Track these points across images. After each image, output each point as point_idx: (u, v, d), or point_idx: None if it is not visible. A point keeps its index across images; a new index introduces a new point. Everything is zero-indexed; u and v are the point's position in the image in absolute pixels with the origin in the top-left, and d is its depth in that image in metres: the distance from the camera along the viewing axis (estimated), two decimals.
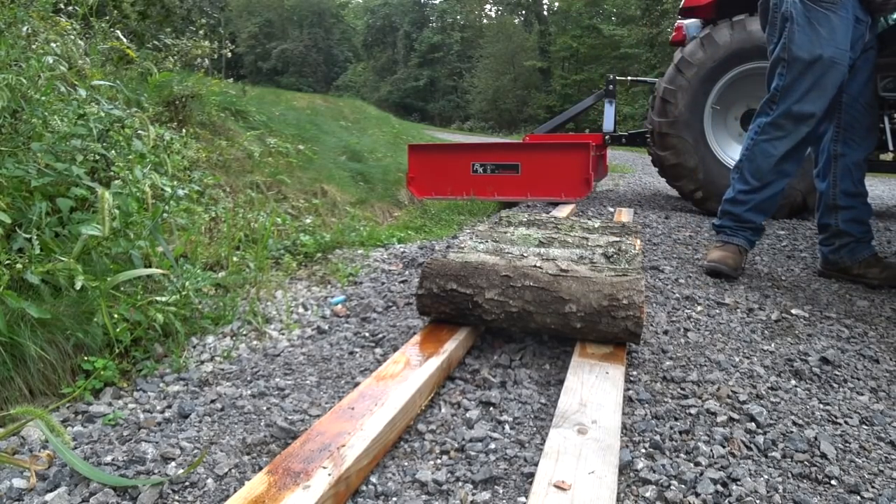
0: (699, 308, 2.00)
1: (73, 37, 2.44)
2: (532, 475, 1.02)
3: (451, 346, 1.47)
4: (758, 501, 1.01)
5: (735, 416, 1.28)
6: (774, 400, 1.37)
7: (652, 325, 1.80)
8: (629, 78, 5.54)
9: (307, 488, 0.90)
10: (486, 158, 4.39)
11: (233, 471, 1.06)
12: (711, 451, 1.15)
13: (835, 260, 2.45)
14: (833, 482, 1.08)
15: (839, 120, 2.36)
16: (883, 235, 3.60)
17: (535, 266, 1.61)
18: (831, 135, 2.39)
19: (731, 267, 2.36)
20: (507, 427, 1.23)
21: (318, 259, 2.65)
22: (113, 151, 1.91)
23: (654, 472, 1.07)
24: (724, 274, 2.36)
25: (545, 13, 36.87)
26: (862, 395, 1.44)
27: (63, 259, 1.45)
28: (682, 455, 1.14)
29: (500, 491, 1.03)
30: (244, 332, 1.82)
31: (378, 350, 1.64)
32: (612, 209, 4.16)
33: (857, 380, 1.51)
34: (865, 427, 1.29)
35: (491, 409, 1.30)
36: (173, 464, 1.09)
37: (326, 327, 1.87)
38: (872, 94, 2.35)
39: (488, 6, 42.47)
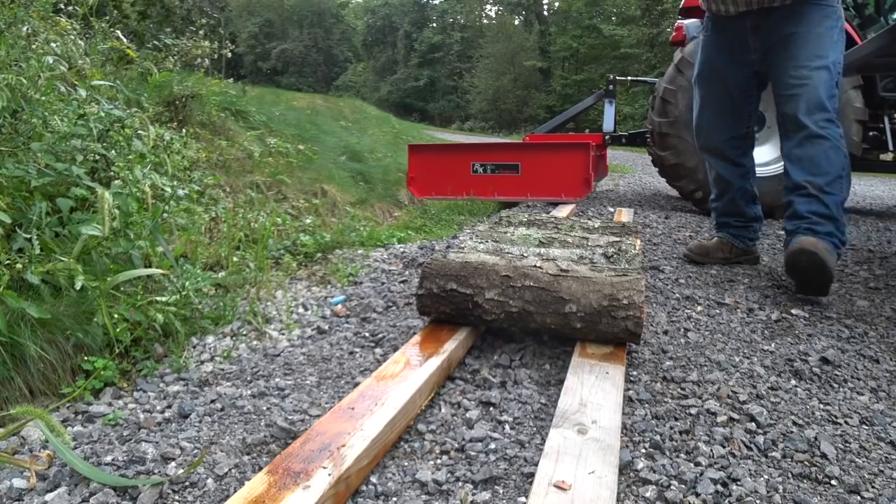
0: (699, 308, 2.00)
1: (73, 37, 2.44)
2: (532, 475, 1.02)
3: (451, 346, 1.47)
4: (758, 501, 1.01)
5: (735, 416, 1.28)
6: (774, 400, 1.37)
7: (652, 325, 1.80)
8: (629, 78, 5.55)
9: (307, 488, 0.90)
10: (486, 158, 4.39)
11: (233, 471, 1.06)
12: (711, 451, 1.15)
13: None
14: (833, 482, 1.08)
15: None
16: (883, 235, 3.60)
17: (535, 266, 1.61)
18: None
19: (696, 254, 2.63)
20: (507, 427, 1.23)
21: (318, 259, 2.65)
22: (113, 151, 1.91)
23: (654, 472, 1.07)
24: (691, 260, 2.63)
25: (545, 13, 36.88)
26: (862, 395, 1.44)
27: (63, 259, 1.45)
28: (682, 455, 1.14)
29: (500, 491, 1.03)
30: (244, 332, 1.82)
31: (378, 350, 1.64)
32: (612, 209, 4.16)
33: (857, 380, 1.51)
34: (865, 427, 1.29)
35: (491, 409, 1.30)
36: (173, 464, 1.09)
37: (326, 327, 1.87)
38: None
39: (488, 6, 42.51)
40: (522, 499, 1.01)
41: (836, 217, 2.15)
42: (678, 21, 4.55)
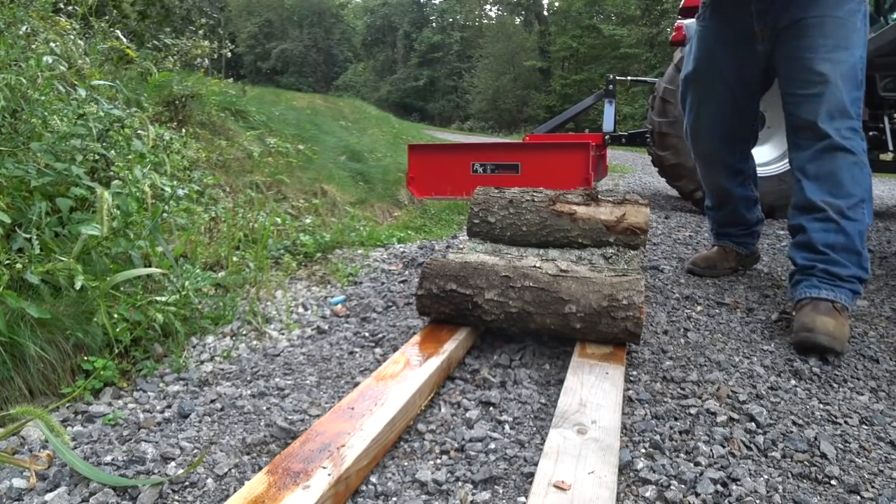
0: (699, 308, 2.00)
1: (72, 37, 2.44)
2: (532, 475, 1.02)
3: (451, 346, 1.47)
4: (758, 501, 1.01)
5: (735, 416, 1.28)
6: (774, 400, 1.37)
7: (652, 324, 1.80)
8: (629, 78, 5.54)
9: (307, 488, 0.90)
10: (486, 158, 4.39)
11: (233, 471, 1.06)
12: (711, 451, 1.15)
13: None
14: (833, 482, 1.08)
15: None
16: (883, 235, 3.60)
17: (534, 266, 1.61)
18: None
19: (702, 267, 2.40)
20: (506, 427, 1.23)
21: (318, 259, 2.65)
22: (113, 151, 1.91)
23: (654, 472, 1.07)
24: (695, 273, 2.41)
25: (545, 13, 36.89)
26: (862, 395, 1.44)
27: (63, 259, 1.44)
28: (681, 455, 1.14)
29: (500, 491, 1.03)
30: (244, 332, 1.82)
31: (378, 350, 1.64)
32: None
33: (857, 380, 1.51)
34: (865, 427, 1.29)
35: (491, 408, 1.30)
36: (173, 464, 1.09)
37: (326, 327, 1.87)
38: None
39: (488, 6, 42.51)
40: (522, 499, 1.01)
41: (860, 251, 1.76)
42: (678, 21, 4.54)
